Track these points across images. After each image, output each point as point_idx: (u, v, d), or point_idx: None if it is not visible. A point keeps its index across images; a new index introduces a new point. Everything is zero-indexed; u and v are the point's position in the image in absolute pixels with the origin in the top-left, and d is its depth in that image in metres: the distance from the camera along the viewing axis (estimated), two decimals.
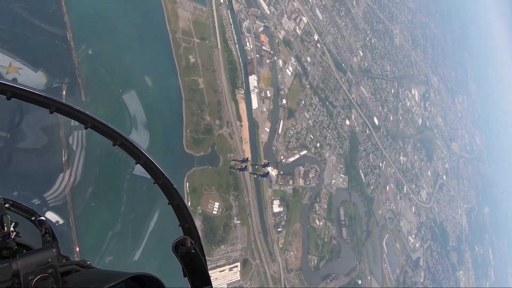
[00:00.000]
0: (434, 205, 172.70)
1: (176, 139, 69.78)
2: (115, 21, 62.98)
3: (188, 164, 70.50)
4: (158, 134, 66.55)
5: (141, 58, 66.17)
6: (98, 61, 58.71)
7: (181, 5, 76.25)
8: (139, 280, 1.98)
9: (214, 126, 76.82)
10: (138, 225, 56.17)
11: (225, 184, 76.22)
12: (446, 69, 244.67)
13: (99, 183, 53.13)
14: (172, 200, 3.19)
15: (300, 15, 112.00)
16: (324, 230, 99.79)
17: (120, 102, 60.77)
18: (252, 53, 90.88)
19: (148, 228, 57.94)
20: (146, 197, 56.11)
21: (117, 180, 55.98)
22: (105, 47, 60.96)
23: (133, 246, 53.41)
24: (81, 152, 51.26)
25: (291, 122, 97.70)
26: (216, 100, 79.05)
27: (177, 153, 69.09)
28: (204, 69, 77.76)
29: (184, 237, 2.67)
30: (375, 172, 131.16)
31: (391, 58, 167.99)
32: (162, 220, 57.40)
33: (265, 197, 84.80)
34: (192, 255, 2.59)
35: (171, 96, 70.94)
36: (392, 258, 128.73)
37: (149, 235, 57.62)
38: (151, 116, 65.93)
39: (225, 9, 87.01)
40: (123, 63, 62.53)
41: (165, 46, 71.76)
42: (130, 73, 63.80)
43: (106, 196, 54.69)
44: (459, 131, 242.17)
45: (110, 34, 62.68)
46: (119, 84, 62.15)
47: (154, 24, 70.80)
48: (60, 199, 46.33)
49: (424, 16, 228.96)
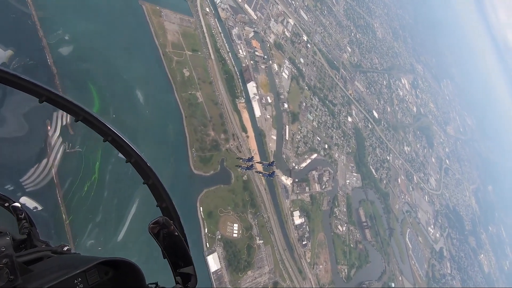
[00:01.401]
0: (444, 191, 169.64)
1: (182, 161, 62.94)
2: (101, 43, 56.87)
3: (198, 187, 63.48)
4: (161, 158, 59.58)
5: (132, 78, 59.95)
6: (88, 86, 52.16)
7: (167, 17, 71.22)
8: (114, 265, 1.82)
9: (220, 141, 70.57)
10: (121, 207, 50.63)
11: (241, 202, 69.32)
12: (427, 56, 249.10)
13: (81, 167, 47.47)
14: (147, 179, 2.91)
15: (286, 17, 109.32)
16: (348, 235, 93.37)
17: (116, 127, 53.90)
18: (246, 60, 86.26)
19: (130, 210, 50.82)
20: (130, 180, 48.68)
21: (101, 163, 49.29)
22: (94, 74, 54.59)
23: (115, 228, 49.12)
24: (61, 136, 46.11)
25: (296, 126, 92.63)
26: (218, 113, 73.15)
27: (184, 176, 62.10)
28: (200, 82, 72.16)
29: (161, 217, 2.38)
30: (385, 166, 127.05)
31: (377, 51, 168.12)
32: (146, 201, 50.10)
33: (284, 210, 78.10)
34: (171, 235, 2.37)
35: (170, 114, 64.55)
36: (418, 253, 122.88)
37: (132, 216, 50.47)
38: (151, 140, 59.19)
39: (212, 18, 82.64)
40: (114, 85, 56.08)
41: (157, 62, 65.96)
42: (123, 95, 57.32)
43: (87, 179, 48.20)
44: (451, 114, 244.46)
45: (97, 58, 56.35)
46: (113, 110, 55.63)
47: (142, 40, 65.14)
48: (37, 184, 41.51)
49: (398, 9, 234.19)
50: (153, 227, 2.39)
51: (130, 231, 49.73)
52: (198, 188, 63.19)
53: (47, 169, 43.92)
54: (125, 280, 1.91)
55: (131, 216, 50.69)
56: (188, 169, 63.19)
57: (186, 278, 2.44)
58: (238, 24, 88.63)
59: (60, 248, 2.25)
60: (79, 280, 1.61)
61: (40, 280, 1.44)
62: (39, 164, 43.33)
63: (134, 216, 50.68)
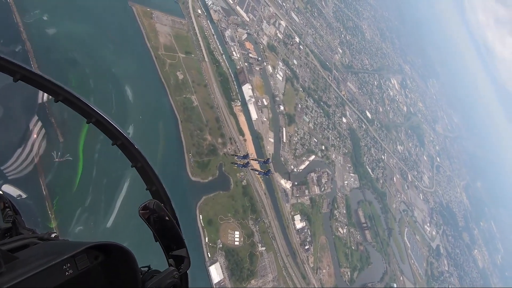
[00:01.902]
0: (437, 189, 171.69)
1: (179, 167, 60.07)
2: (91, 46, 53.80)
3: (197, 194, 60.66)
4: (157, 164, 56.54)
5: (122, 81, 56.96)
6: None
7: (158, 19, 68.70)
8: (104, 250, 1.76)
9: (217, 145, 68.07)
10: (110, 189, 48.15)
11: (241, 208, 66.79)
12: (413, 56, 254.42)
13: (68, 151, 44.74)
14: (135, 162, 2.85)
15: (278, 19, 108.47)
16: (349, 237, 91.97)
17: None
18: (241, 62, 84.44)
19: (120, 194, 48.06)
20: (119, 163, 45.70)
21: (84, 145, 46.29)
22: (84, 79, 51.33)
23: (105, 212, 46.54)
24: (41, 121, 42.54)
25: (293, 128, 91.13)
26: (214, 117, 70.76)
27: (182, 183, 59.19)
28: (195, 85, 69.72)
29: (151, 200, 2.39)
30: (380, 165, 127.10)
31: (367, 52, 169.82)
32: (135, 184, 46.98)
33: (285, 214, 75.98)
34: (162, 218, 2.35)
35: (164, 119, 61.74)
36: (416, 252, 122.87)
37: (122, 200, 47.60)
38: (145, 146, 56.12)
39: (204, 20, 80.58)
40: (106, 89, 52.99)
41: (149, 65, 63.18)
42: (112, 98, 54.23)
43: (75, 163, 45.46)
44: (438, 113, 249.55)
45: (85, 62, 53.14)
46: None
47: (133, 42, 62.31)
48: (20, 171, 38.89)
49: (384, 11, 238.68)
50: (144, 213, 2.28)
51: (120, 214, 46.79)
52: (197, 195, 60.39)
53: (31, 156, 40.83)
54: (116, 264, 1.84)
55: (121, 199, 47.74)
56: (186, 175, 60.36)
57: (179, 260, 2.37)
58: (230, 26, 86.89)
59: (47, 235, 2.14)
60: (68, 265, 1.56)
61: (26, 267, 1.38)
62: (21, 150, 40.07)
63: (124, 199, 47.71)
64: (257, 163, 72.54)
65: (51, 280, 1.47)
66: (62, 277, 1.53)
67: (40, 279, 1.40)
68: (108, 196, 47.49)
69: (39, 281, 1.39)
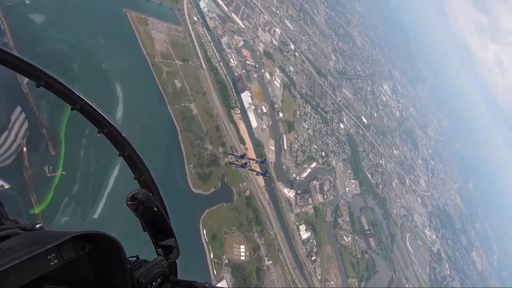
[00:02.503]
0: (433, 192, 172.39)
1: (180, 179, 56.78)
2: (82, 51, 50.72)
3: (199, 207, 57.29)
4: (157, 176, 52.88)
5: (119, 91, 53.87)
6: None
7: (154, 26, 66.35)
8: (90, 239, 1.72)
9: (218, 154, 65.17)
10: (98, 180, 45.25)
11: (246, 220, 63.59)
12: (401, 62, 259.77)
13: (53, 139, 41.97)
14: (122, 151, 2.71)
15: (272, 26, 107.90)
16: (354, 246, 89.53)
17: (102, 143, 47.40)
18: (238, 69, 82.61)
19: (108, 183, 45.01)
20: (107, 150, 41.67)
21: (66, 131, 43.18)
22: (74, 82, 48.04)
23: (92, 203, 43.66)
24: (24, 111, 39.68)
25: (293, 135, 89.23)
26: (214, 125, 68.08)
27: (183, 196, 55.79)
28: (193, 93, 67.12)
29: (139, 190, 2.32)
30: (379, 170, 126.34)
31: (359, 59, 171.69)
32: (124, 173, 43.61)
33: (290, 225, 73.07)
34: (151, 208, 2.30)
35: (163, 129, 58.67)
36: (419, 258, 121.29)
37: (110, 190, 44.56)
38: (144, 157, 52.77)
39: (200, 27, 78.75)
40: (100, 98, 49.67)
41: (145, 73, 60.38)
42: (107, 107, 50.91)
43: (58, 149, 42.63)
44: (429, 117, 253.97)
45: (76, 68, 49.99)
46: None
47: (128, 49, 59.50)
48: (2, 161, 36.76)
49: (372, 19, 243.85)
50: (132, 203, 2.24)
51: (108, 204, 43.51)
52: (199, 208, 57.02)
53: (14, 145, 38.02)
54: (103, 254, 1.79)
55: (109, 189, 44.63)
56: (187, 188, 57.05)
57: (168, 250, 2.37)
58: (227, 33, 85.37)
59: (32, 226, 2.02)
60: (52, 255, 1.52)
61: (9, 257, 1.33)
62: (3, 140, 37.18)
63: (112, 188, 44.59)
64: (255, 163, 70.00)
65: (35, 270, 1.43)
66: (47, 267, 1.49)
67: (24, 268, 1.36)
68: (96, 185, 44.40)
69: (23, 271, 1.35)
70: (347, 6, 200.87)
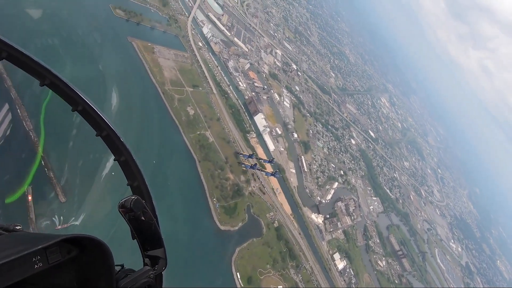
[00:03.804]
0: (448, 201, 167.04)
1: (204, 216, 50.10)
2: (92, 84, 45.94)
3: (229, 246, 50.20)
4: (179, 216, 46.42)
5: (132, 123, 48.64)
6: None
7: (161, 53, 62.84)
8: (77, 243, 1.65)
9: (241, 184, 59.14)
10: (84, 181, 39.76)
11: (279, 255, 56.32)
12: (392, 75, 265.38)
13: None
14: (119, 155, 2.62)
15: (273, 48, 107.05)
16: (389, 270, 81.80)
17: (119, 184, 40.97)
18: (248, 92, 79.12)
19: (92, 187, 39.58)
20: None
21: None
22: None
23: (78, 206, 37.97)
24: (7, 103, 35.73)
25: (310, 155, 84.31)
26: (233, 152, 62.67)
27: (211, 234, 48.94)
28: (207, 119, 62.36)
29: (132, 196, 2.21)
30: (395, 184, 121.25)
31: (355, 75, 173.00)
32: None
33: (324, 254, 65.73)
34: (142, 216, 2.21)
35: (181, 160, 52.89)
36: (452, 275, 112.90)
37: (95, 195, 39.02)
38: (163, 194, 46.45)
39: (206, 52, 76.01)
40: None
41: (157, 101, 55.70)
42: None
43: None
44: (426, 126, 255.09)
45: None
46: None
47: (137, 79, 55.12)
48: None
49: (358, 37, 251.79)
50: (124, 210, 2.14)
51: (92, 210, 38.14)
52: (229, 247, 49.92)
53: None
54: (91, 260, 1.71)
55: (93, 193, 39.17)
56: (213, 225, 50.28)
57: (155, 260, 2.28)
58: (232, 57, 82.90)
59: (12, 227, 1.91)
60: (38, 258, 1.44)
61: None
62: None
63: (97, 193, 39.22)
64: (264, 163, 65.03)
65: (18, 272, 1.35)
66: (31, 270, 1.41)
67: (6, 270, 1.28)
68: (81, 189, 39.23)
69: (5, 272, 1.28)
70: (335, 26, 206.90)
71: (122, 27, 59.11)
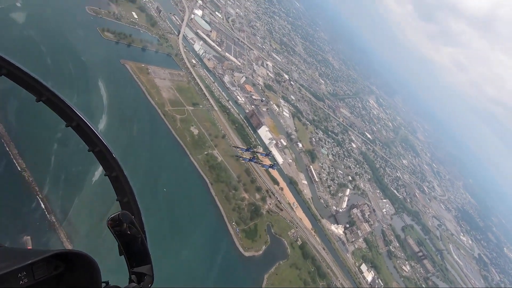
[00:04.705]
0: (449, 195, 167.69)
1: (227, 244, 45.36)
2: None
3: (257, 273, 45.33)
4: (202, 247, 41.50)
5: (137, 150, 44.12)
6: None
7: (156, 74, 59.27)
8: (66, 259, 1.63)
9: (257, 202, 54.91)
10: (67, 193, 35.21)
11: (309, 276, 51.74)
12: (374, 78, 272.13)
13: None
14: (110, 171, 2.59)
15: (264, 60, 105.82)
16: (415, 274, 78.27)
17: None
18: (248, 106, 76.29)
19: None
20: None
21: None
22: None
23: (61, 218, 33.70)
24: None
25: (317, 164, 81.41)
26: (243, 169, 58.73)
27: (236, 263, 44.04)
28: (213, 138, 58.53)
29: (122, 212, 2.20)
30: (400, 184, 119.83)
31: (342, 80, 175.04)
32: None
33: (351, 268, 61.55)
34: (130, 231, 2.20)
35: (192, 185, 48.35)
36: (470, 269, 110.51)
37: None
38: (180, 224, 41.61)
39: (201, 69, 73.14)
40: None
41: (159, 124, 51.53)
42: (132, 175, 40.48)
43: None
44: (414, 123, 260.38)
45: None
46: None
47: (135, 101, 51.03)
48: None
49: (337, 44, 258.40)
50: (112, 224, 2.10)
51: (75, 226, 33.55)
52: (257, 275, 45.06)
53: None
54: (78, 277, 1.67)
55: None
56: (237, 252, 45.48)
57: (141, 277, 2.24)
58: (227, 71, 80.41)
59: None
60: (23, 274, 1.39)
61: None
62: None
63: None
64: (262, 156, 61.05)
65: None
66: (15, 286, 1.37)
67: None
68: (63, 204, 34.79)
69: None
70: (315, 35, 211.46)
71: (113, 50, 55.54)
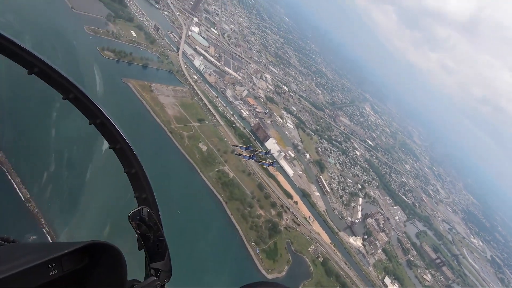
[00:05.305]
0: (453, 197, 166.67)
1: (248, 266, 42.09)
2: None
3: None
4: (223, 272, 38.17)
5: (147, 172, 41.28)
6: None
7: (159, 91, 57.28)
8: (93, 250, 1.65)
9: (274, 219, 51.99)
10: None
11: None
12: (366, 85, 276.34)
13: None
14: (129, 167, 2.56)
15: (262, 73, 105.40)
16: (436, 283, 75.11)
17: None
18: (252, 119, 74.55)
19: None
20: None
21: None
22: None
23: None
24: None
25: (326, 174, 79.30)
26: (256, 185, 56.06)
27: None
28: (222, 153, 56.11)
29: (142, 207, 2.20)
30: (406, 189, 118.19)
31: (337, 89, 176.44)
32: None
33: (375, 282, 58.34)
34: (150, 227, 2.19)
35: (206, 205, 45.39)
36: (486, 273, 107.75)
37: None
38: (197, 247, 38.37)
39: (203, 84, 71.61)
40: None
41: (166, 142, 49.02)
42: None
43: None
44: (408, 127, 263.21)
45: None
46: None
47: (141, 120, 48.54)
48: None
49: (328, 55, 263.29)
50: (134, 216, 2.10)
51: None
52: None
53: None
54: (104, 269, 1.71)
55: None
56: (259, 274, 42.12)
57: (159, 272, 2.22)
58: (228, 86, 79.12)
59: (8, 238, 1.91)
60: (53, 265, 1.44)
61: (6, 265, 1.26)
62: None
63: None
64: (261, 154, 58.53)
65: (33, 279, 1.36)
66: (46, 277, 1.42)
67: (22, 277, 1.29)
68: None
69: (21, 280, 1.29)
70: (307, 48, 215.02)
71: (114, 69, 53.56)
